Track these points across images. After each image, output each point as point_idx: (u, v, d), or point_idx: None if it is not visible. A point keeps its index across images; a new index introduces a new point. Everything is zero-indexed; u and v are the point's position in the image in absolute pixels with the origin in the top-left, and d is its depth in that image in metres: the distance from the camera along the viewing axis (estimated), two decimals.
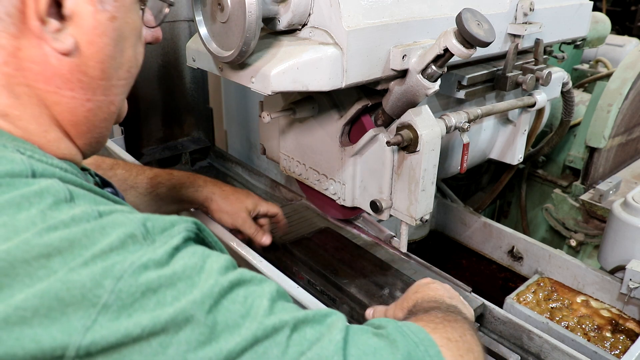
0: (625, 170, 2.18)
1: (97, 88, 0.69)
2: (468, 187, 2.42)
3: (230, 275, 0.57)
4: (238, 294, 0.56)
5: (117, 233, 0.54)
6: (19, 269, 0.49)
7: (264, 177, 2.19)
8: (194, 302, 0.52)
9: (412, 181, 1.11)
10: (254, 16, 0.89)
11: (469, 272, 1.77)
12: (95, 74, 0.67)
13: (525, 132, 1.49)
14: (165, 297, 0.52)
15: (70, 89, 0.66)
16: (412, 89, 1.04)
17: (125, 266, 0.51)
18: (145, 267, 0.52)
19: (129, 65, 0.72)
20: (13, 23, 0.61)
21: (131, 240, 0.54)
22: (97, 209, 0.56)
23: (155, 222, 0.57)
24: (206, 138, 2.54)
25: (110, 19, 0.66)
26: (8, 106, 0.63)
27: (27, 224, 0.52)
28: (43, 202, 0.54)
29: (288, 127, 1.37)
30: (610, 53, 2.70)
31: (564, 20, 1.45)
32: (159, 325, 0.50)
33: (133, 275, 0.51)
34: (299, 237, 1.54)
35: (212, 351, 0.52)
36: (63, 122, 0.69)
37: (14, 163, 0.57)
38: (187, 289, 0.53)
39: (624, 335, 1.35)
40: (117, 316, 0.49)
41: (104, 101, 0.71)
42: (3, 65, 0.62)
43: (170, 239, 0.56)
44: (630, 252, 1.47)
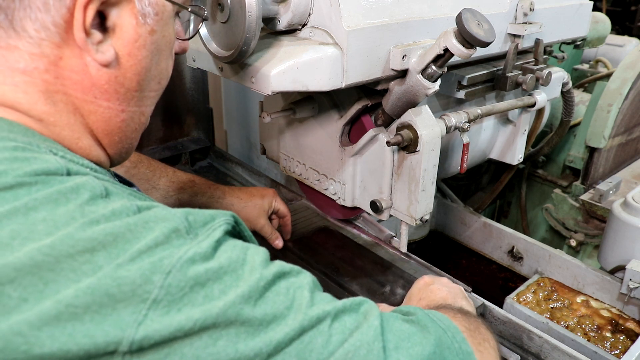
0: (625, 170, 2.18)
1: (131, 99, 0.70)
2: (468, 187, 2.42)
3: (271, 268, 0.59)
4: (281, 285, 0.58)
5: (161, 228, 0.54)
6: (63, 264, 0.49)
7: (264, 177, 2.19)
8: (242, 295, 0.54)
9: (412, 181, 1.11)
10: (254, 16, 0.89)
11: (469, 272, 1.77)
12: (132, 86, 0.69)
13: (525, 132, 1.49)
14: (213, 291, 0.53)
15: (107, 99, 0.68)
16: (412, 89, 1.04)
17: (173, 261, 0.52)
18: (193, 261, 0.53)
19: (161, 77, 0.74)
20: (58, 33, 0.62)
21: (175, 235, 0.54)
22: (135, 204, 0.57)
23: (196, 215, 0.58)
24: (206, 138, 2.54)
25: (150, 33, 0.67)
26: (44, 112, 0.65)
27: (67, 219, 0.52)
28: (80, 198, 0.55)
29: (288, 127, 1.37)
30: (610, 53, 2.70)
31: (564, 20, 1.45)
32: (210, 320, 0.51)
33: (181, 270, 0.52)
34: (299, 236, 1.54)
35: (262, 342, 0.53)
36: (97, 131, 0.70)
37: (49, 162, 0.58)
38: (233, 282, 0.55)
39: (624, 335, 1.35)
40: (167, 311, 0.50)
41: (136, 112, 0.72)
42: (44, 72, 0.63)
43: (213, 232, 0.57)
44: (630, 252, 1.47)
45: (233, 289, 0.54)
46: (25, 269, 0.49)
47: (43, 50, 0.63)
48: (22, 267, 0.49)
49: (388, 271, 1.38)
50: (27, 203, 0.53)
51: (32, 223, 0.52)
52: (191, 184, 1.37)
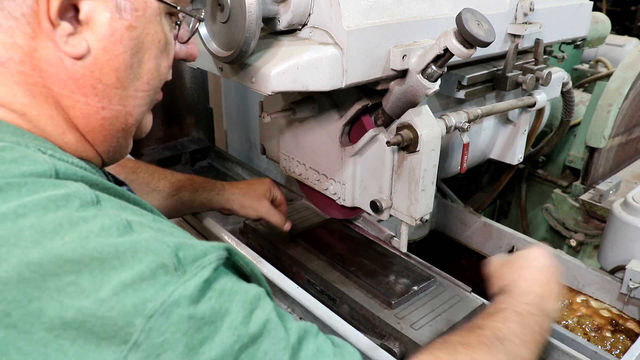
0: (625, 170, 2.18)
1: (112, 96, 0.68)
2: (468, 187, 2.42)
3: (253, 325, 0.56)
4: (259, 348, 0.56)
5: (149, 261, 0.53)
6: (49, 282, 0.49)
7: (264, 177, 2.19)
8: (216, 357, 0.53)
9: (412, 181, 1.11)
10: (254, 16, 0.89)
11: (469, 272, 1.76)
12: (110, 82, 0.67)
13: (525, 132, 1.49)
14: (193, 344, 0.52)
15: (84, 94, 0.66)
16: (412, 89, 1.04)
17: (156, 305, 0.51)
18: (177, 305, 0.52)
19: (149, 77, 0.71)
20: (28, 23, 0.61)
21: (163, 271, 0.53)
22: (125, 218, 0.56)
23: (187, 251, 0.56)
24: (206, 138, 2.54)
25: (128, 28, 0.66)
26: (25, 105, 0.64)
27: (54, 226, 0.52)
28: (70, 205, 0.54)
29: (288, 127, 1.37)
30: (610, 53, 2.70)
31: (564, 20, 1.45)
32: None
33: (164, 314, 0.51)
34: (306, 228, 1.55)
35: None
36: (79, 126, 0.69)
37: (38, 163, 0.57)
38: (212, 337, 0.53)
39: (624, 335, 1.35)
40: (146, 356, 0.50)
41: (120, 111, 0.71)
42: (19, 64, 0.63)
43: (201, 270, 0.56)
44: (630, 252, 1.47)
45: (209, 346, 0.53)
46: (11, 284, 0.49)
47: (16, 41, 0.62)
48: (9, 281, 0.49)
49: (393, 261, 1.39)
50: (16, 209, 0.52)
51: (19, 229, 0.51)
52: (190, 182, 1.38)
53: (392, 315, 1.23)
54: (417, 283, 1.32)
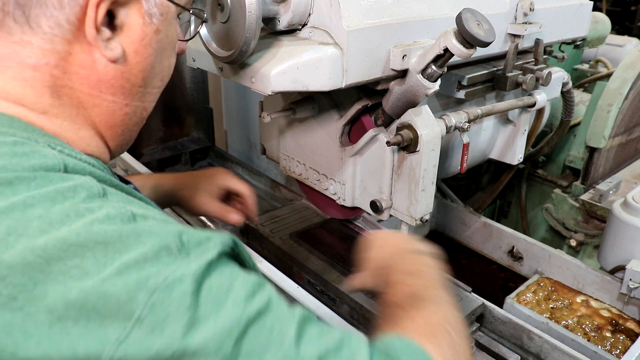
0: (625, 170, 2.18)
1: (135, 94, 0.74)
2: (468, 187, 2.42)
3: (257, 302, 0.57)
4: (265, 322, 0.56)
5: (152, 243, 0.54)
6: (53, 267, 0.50)
7: (264, 177, 2.19)
8: (223, 329, 0.53)
9: (412, 181, 1.11)
10: (254, 16, 0.89)
11: (469, 272, 1.77)
12: (137, 82, 0.72)
13: (525, 132, 1.49)
14: (197, 318, 0.52)
15: (112, 93, 0.71)
16: (412, 89, 1.04)
17: (159, 280, 0.51)
18: (180, 282, 0.52)
19: (163, 74, 0.77)
20: (70, 30, 0.65)
21: (165, 253, 0.54)
22: (130, 210, 0.57)
23: (190, 235, 0.57)
24: (206, 138, 2.54)
25: (156, 32, 0.71)
26: (49, 105, 0.67)
27: (61, 217, 0.53)
28: (77, 197, 0.56)
29: (288, 127, 1.38)
30: (610, 53, 2.70)
31: (564, 20, 1.45)
32: (189, 351, 0.51)
33: (166, 290, 0.51)
34: (305, 228, 1.55)
35: None
36: (100, 124, 0.73)
37: (47, 158, 0.59)
38: (216, 311, 0.53)
39: (624, 335, 1.35)
40: (150, 331, 0.50)
41: (139, 106, 0.76)
42: (54, 68, 0.66)
43: (205, 253, 0.56)
44: (630, 252, 1.47)
45: (216, 320, 0.53)
46: (17, 268, 0.50)
47: (55, 47, 0.65)
48: (15, 265, 0.50)
49: None
50: (25, 200, 0.54)
51: (27, 220, 0.52)
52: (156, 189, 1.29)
53: None
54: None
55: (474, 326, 1.31)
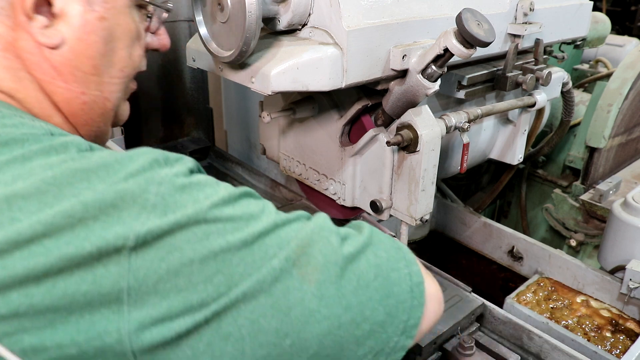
0: (625, 170, 2.18)
1: (90, 83, 0.74)
2: (468, 187, 2.42)
3: (239, 190, 0.64)
4: (251, 199, 0.64)
5: (144, 159, 0.60)
6: (64, 189, 0.56)
7: (264, 177, 2.19)
8: (222, 199, 0.60)
9: (412, 181, 1.11)
10: (254, 16, 0.89)
11: (469, 272, 1.77)
12: (87, 69, 0.73)
13: (525, 132, 1.49)
14: (199, 196, 0.59)
15: (64, 80, 0.72)
16: (412, 89, 1.04)
17: (162, 175, 0.59)
18: (177, 176, 0.60)
19: (122, 65, 0.77)
20: (7, 15, 0.67)
21: (157, 164, 0.60)
22: (118, 153, 0.63)
23: (170, 154, 0.64)
24: (206, 138, 2.54)
25: (99, 19, 0.71)
26: (13, 89, 0.70)
27: (60, 162, 0.58)
28: (69, 151, 0.61)
29: (288, 127, 1.37)
30: (610, 53, 2.70)
31: (564, 20, 1.45)
32: (200, 216, 0.57)
33: (170, 181, 0.59)
34: None
35: (246, 233, 0.59)
36: (63, 110, 0.75)
37: (35, 128, 0.64)
38: (213, 191, 0.61)
39: (624, 335, 1.35)
40: (164, 212, 0.56)
41: (99, 97, 0.76)
42: (4, 51, 0.69)
43: (186, 163, 0.63)
44: (630, 252, 1.47)
45: (214, 195, 0.60)
46: (31, 193, 0.55)
47: (2, 32, 0.67)
48: (29, 192, 0.55)
49: None
50: (23, 154, 0.58)
51: (30, 168, 0.57)
52: None
53: None
54: None
55: (474, 326, 1.31)
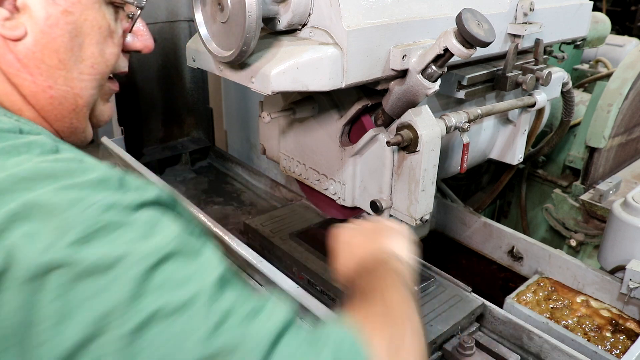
0: (625, 170, 2.18)
1: (57, 77, 0.74)
2: (468, 187, 2.42)
3: (180, 243, 0.58)
4: (184, 264, 0.57)
5: (95, 175, 0.59)
6: (6, 196, 0.55)
7: (264, 177, 2.19)
8: (144, 251, 0.55)
9: (412, 181, 1.11)
10: (254, 16, 0.89)
11: (469, 272, 1.76)
12: (53, 63, 0.73)
13: (525, 132, 1.49)
14: (116, 239, 0.55)
15: (30, 73, 0.72)
16: (412, 89, 1.04)
17: (93, 201, 0.56)
18: (110, 207, 0.56)
19: (92, 61, 0.77)
20: None
21: (105, 185, 0.58)
22: (81, 157, 0.62)
23: (132, 180, 0.61)
24: (206, 138, 2.54)
25: (63, 13, 0.71)
26: None
27: (15, 165, 0.58)
28: (31, 152, 0.60)
29: (288, 127, 1.37)
30: (610, 53, 2.70)
31: (564, 20, 1.45)
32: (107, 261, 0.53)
33: (96, 210, 0.55)
34: (305, 228, 1.55)
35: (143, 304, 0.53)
36: (32, 104, 0.75)
37: (3, 123, 0.64)
38: (138, 238, 0.56)
39: (624, 335, 1.35)
40: (80, 242, 0.53)
41: (68, 92, 0.76)
42: None
43: (142, 194, 0.60)
44: (630, 252, 1.47)
45: (135, 244, 0.55)
46: None
47: None
48: None
49: None
50: None
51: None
52: None
53: None
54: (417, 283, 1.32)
55: (474, 326, 1.31)
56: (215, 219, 1.48)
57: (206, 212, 1.52)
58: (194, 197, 2.17)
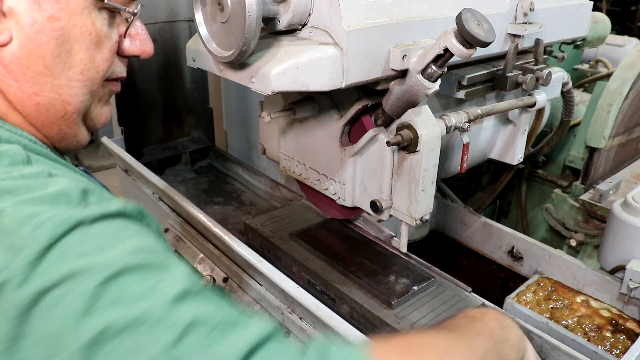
0: (625, 170, 2.18)
1: (44, 84, 0.73)
2: (468, 187, 2.42)
3: (143, 258, 0.56)
4: (142, 277, 0.55)
5: (54, 189, 0.58)
6: None
7: (264, 177, 2.19)
8: (98, 265, 0.53)
9: (412, 181, 1.11)
10: (254, 16, 0.89)
11: (469, 272, 1.77)
12: (38, 69, 0.72)
13: (525, 132, 1.49)
14: (70, 255, 0.54)
15: (15, 79, 0.71)
16: (412, 89, 1.04)
17: (48, 216, 0.54)
18: (65, 222, 0.55)
19: (82, 67, 0.75)
20: None
21: (64, 199, 0.57)
22: (49, 170, 0.61)
23: (96, 194, 0.60)
24: (206, 138, 2.54)
25: (49, 19, 0.70)
26: None
27: None
28: (0, 162, 0.60)
29: (288, 127, 1.38)
30: (610, 53, 2.70)
31: (564, 20, 1.45)
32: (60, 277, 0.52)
33: (51, 226, 0.54)
34: (305, 228, 1.55)
35: (94, 321, 0.52)
36: (18, 109, 0.74)
37: None
38: (93, 252, 0.55)
39: (624, 335, 1.35)
40: (35, 264, 0.52)
41: (56, 99, 0.75)
42: None
43: (106, 206, 0.59)
44: (630, 252, 1.47)
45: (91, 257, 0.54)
46: None
47: None
48: None
49: (393, 261, 1.39)
50: None
51: None
52: None
53: (392, 315, 1.23)
54: (417, 283, 1.32)
55: None
56: (215, 219, 1.48)
57: (206, 212, 1.52)
58: (194, 197, 2.17)
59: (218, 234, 1.41)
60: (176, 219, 1.68)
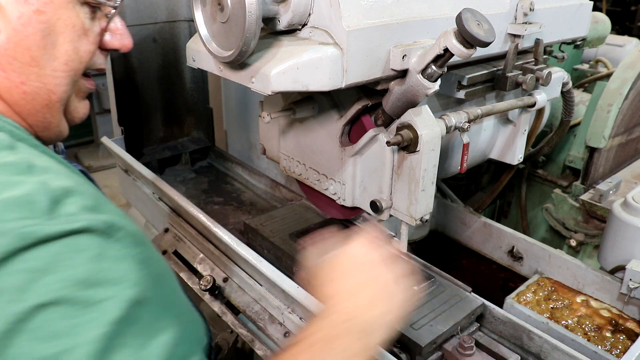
0: (625, 170, 2.18)
1: (30, 74, 0.76)
2: (468, 187, 2.42)
3: (79, 289, 0.55)
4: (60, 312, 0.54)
5: (21, 192, 0.57)
6: None
7: (264, 177, 2.19)
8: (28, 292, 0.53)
9: (412, 181, 1.11)
10: (254, 16, 0.89)
11: (469, 272, 1.76)
12: (25, 60, 0.74)
13: (525, 132, 1.49)
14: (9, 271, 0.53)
15: (2, 69, 0.74)
16: (412, 89, 1.04)
17: (5, 228, 0.54)
18: (22, 239, 0.54)
19: (66, 59, 0.78)
20: None
21: (29, 207, 0.57)
22: (30, 161, 0.61)
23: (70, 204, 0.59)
24: (206, 138, 2.54)
25: (35, 12, 0.73)
26: None
27: None
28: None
29: (288, 127, 1.37)
30: (610, 53, 2.70)
31: (564, 20, 1.45)
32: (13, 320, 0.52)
33: (7, 239, 0.54)
34: (305, 228, 1.54)
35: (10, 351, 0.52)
36: (4, 97, 0.76)
37: None
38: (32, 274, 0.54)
39: (624, 335, 1.35)
40: None
41: (41, 88, 0.77)
42: None
43: (72, 222, 0.58)
44: (630, 252, 1.47)
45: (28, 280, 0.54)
46: None
47: None
48: None
49: None
50: None
51: None
52: None
53: None
54: (417, 283, 1.32)
55: (474, 326, 1.31)
56: (215, 219, 1.48)
57: (206, 212, 1.52)
58: (194, 197, 2.17)
59: (218, 234, 1.41)
60: (176, 219, 1.68)
